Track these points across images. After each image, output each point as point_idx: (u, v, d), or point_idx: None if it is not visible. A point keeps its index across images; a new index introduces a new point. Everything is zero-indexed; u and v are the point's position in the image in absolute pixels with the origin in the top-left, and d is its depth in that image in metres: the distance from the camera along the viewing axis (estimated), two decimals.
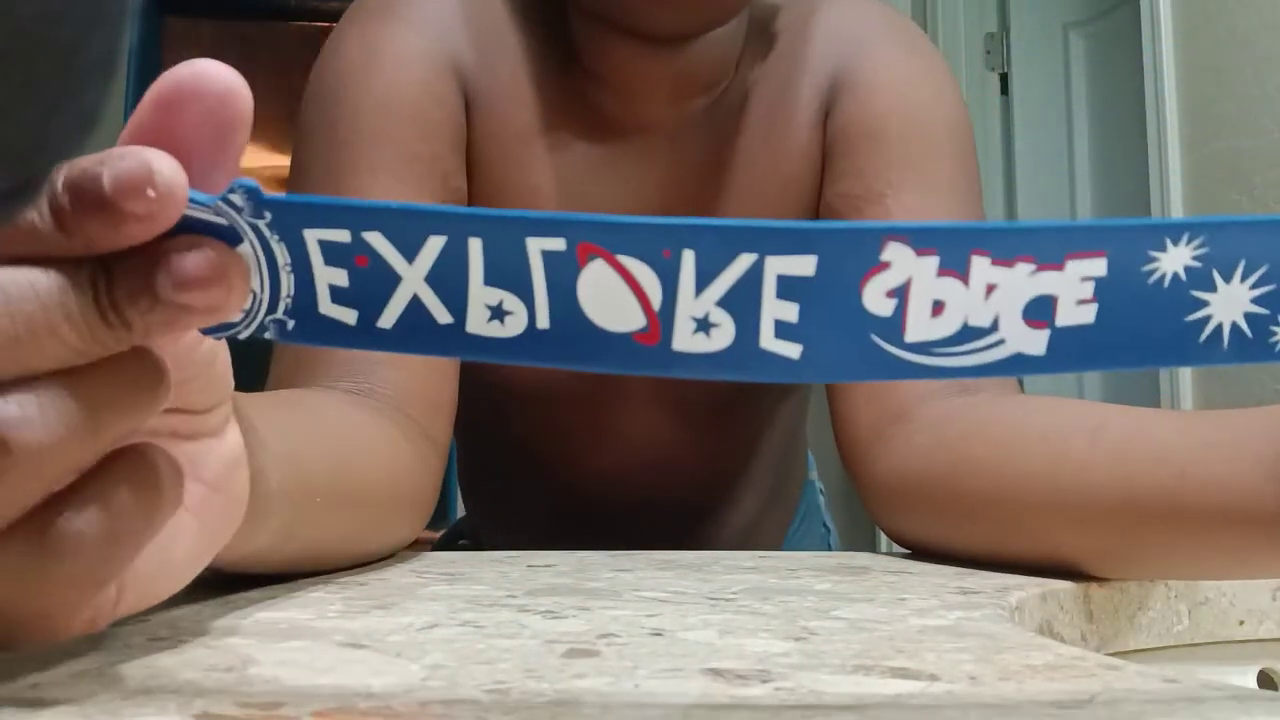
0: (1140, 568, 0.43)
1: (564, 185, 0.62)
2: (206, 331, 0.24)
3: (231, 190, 0.22)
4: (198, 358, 0.25)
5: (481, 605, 0.36)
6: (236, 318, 0.23)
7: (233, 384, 0.28)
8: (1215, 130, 1.89)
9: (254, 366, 0.43)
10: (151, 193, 0.21)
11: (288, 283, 0.23)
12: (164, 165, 0.21)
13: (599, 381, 0.65)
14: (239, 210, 0.22)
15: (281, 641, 0.29)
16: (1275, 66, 1.76)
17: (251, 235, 0.22)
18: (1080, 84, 2.59)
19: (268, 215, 0.22)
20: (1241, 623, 0.48)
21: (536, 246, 0.21)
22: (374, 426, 0.48)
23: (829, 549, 0.86)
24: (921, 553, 0.53)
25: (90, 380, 0.22)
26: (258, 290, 0.23)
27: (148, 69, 3.34)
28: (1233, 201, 1.83)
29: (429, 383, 0.54)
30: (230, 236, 0.22)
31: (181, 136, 0.22)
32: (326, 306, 0.23)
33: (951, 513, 0.50)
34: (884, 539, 0.60)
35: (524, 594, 0.38)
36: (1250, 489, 0.36)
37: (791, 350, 0.22)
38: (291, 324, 0.23)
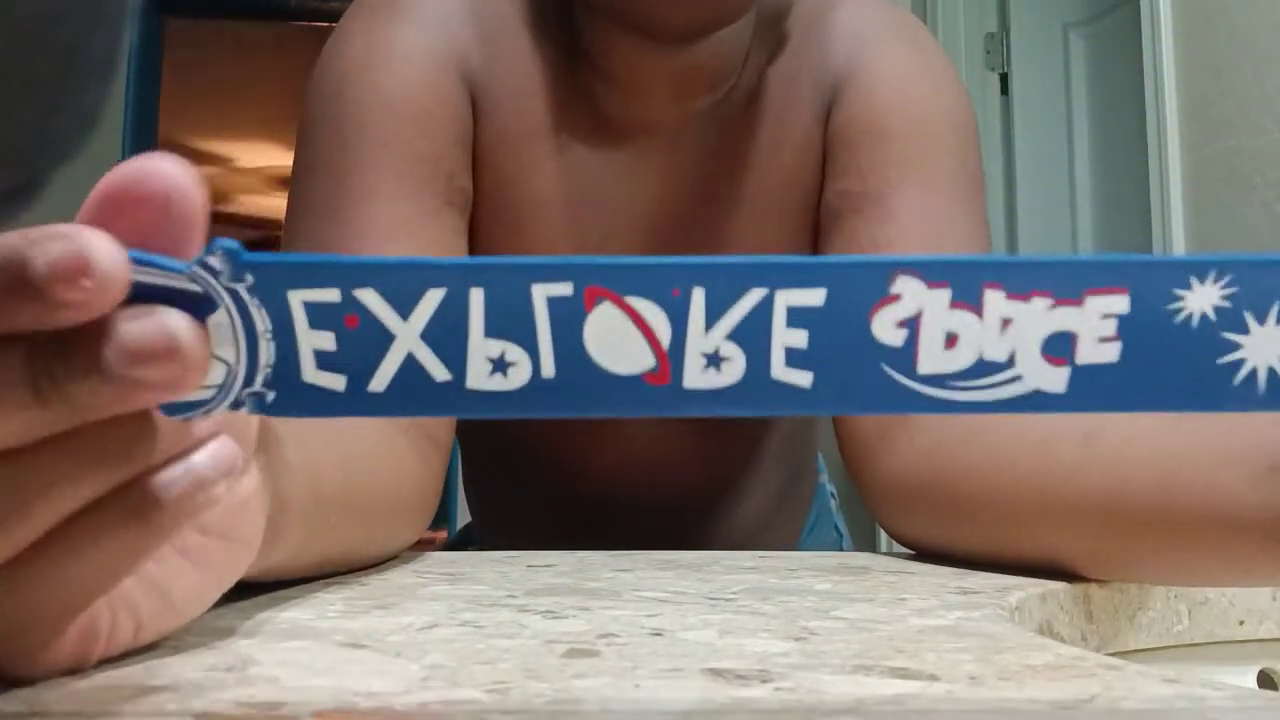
0: (1134, 571, 0.43)
1: (569, 183, 0.62)
2: (170, 411, 0.22)
3: (210, 252, 0.21)
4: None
5: (481, 605, 0.36)
6: (207, 394, 0.22)
7: (255, 428, 0.27)
8: (1215, 130, 1.89)
9: None
10: (87, 282, 0.19)
11: (267, 351, 0.21)
12: (101, 250, 0.19)
13: None
14: (216, 274, 0.21)
15: (281, 641, 0.29)
16: (1275, 66, 1.76)
17: (228, 301, 0.21)
18: (1080, 84, 2.59)
19: (249, 278, 0.21)
20: (1241, 623, 0.48)
21: (542, 293, 0.21)
22: (379, 430, 0.49)
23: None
24: (922, 553, 0.53)
25: (32, 462, 0.20)
26: (232, 362, 0.21)
27: (148, 69, 3.34)
28: (1233, 202, 1.83)
29: None
30: (204, 305, 0.21)
31: (129, 237, 0.21)
32: (311, 374, 0.21)
33: (950, 515, 0.50)
34: (885, 539, 0.60)
35: (524, 594, 0.38)
36: (1235, 494, 0.36)
37: (803, 379, 0.21)
38: (271, 396, 0.22)
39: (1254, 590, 0.48)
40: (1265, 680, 0.44)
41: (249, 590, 0.36)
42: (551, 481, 0.71)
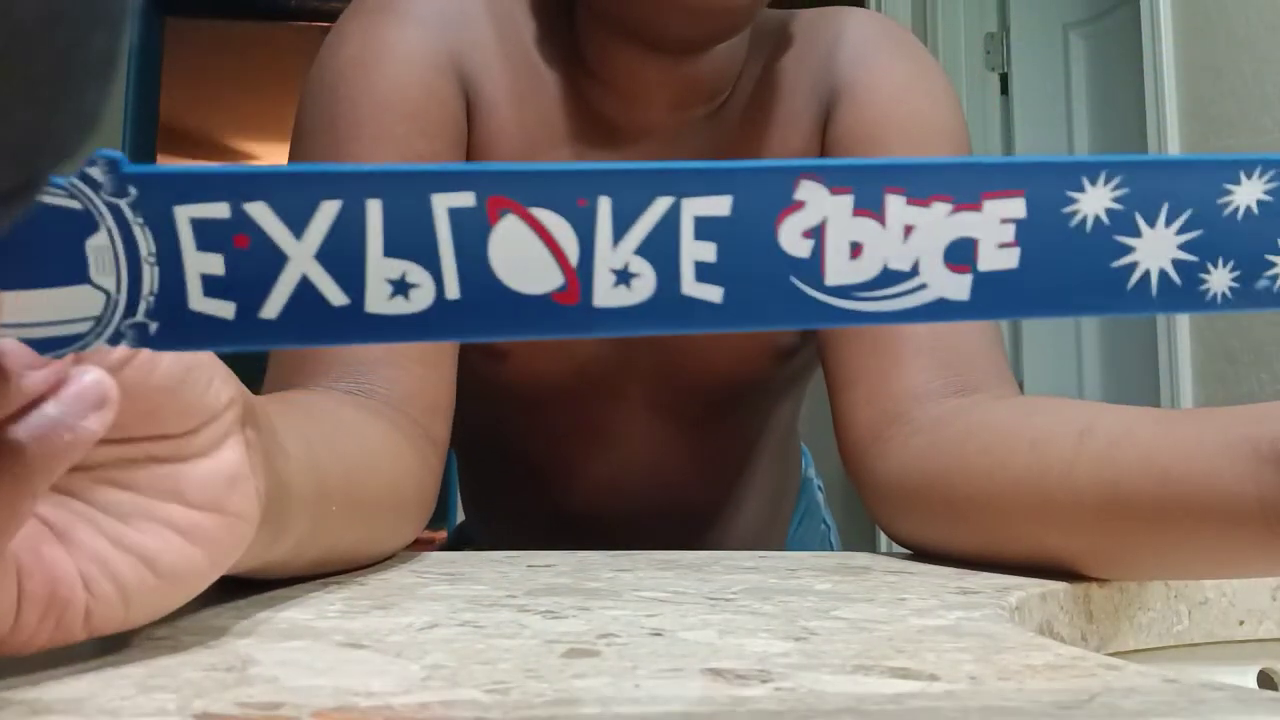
0: (1133, 568, 0.43)
1: None
2: (43, 349, 0.20)
3: (91, 163, 0.19)
4: (156, 384, 0.24)
5: (481, 605, 0.36)
6: (83, 328, 0.20)
7: (226, 400, 0.27)
8: (1215, 130, 1.89)
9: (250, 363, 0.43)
10: None
11: (150, 278, 0.20)
12: None
13: (591, 381, 0.65)
14: (97, 187, 0.19)
15: (281, 641, 0.29)
16: (1275, 66, 1.76)
17: (110, 220, 0.20)
18: (1080, 84, 2.59)
19: (132, 191, 0.19)
20: (1241, 623, 0.48)
21: (443, 204, 0.20)
22: (379, 430, 0.49)
23: (830, 546, 0.86)
24: (920, 552, 0.53)
25: None
26: (112, 291, 0.20)
27: (148, 69, 3.34)
28: None
29: (427, 383, 0.54)
30: (83, 225, 0.20)
31: None
32: (198, 301, 0.20)
33: (946, 515, 0.50)
34: (884, 539, 0.60)
35: (524, 594, 0.38)
36: (1230, 490, 0.36)
37: (713, 294, 0.21)
38: (154, 326, 0.20)
39: (1254, 590, 0.48)
40: (1265, 680, 0.44)
41: (248, 590, 0.36)
42: (546, 491, 0.71)
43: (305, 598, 0.37)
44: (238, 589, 0.36)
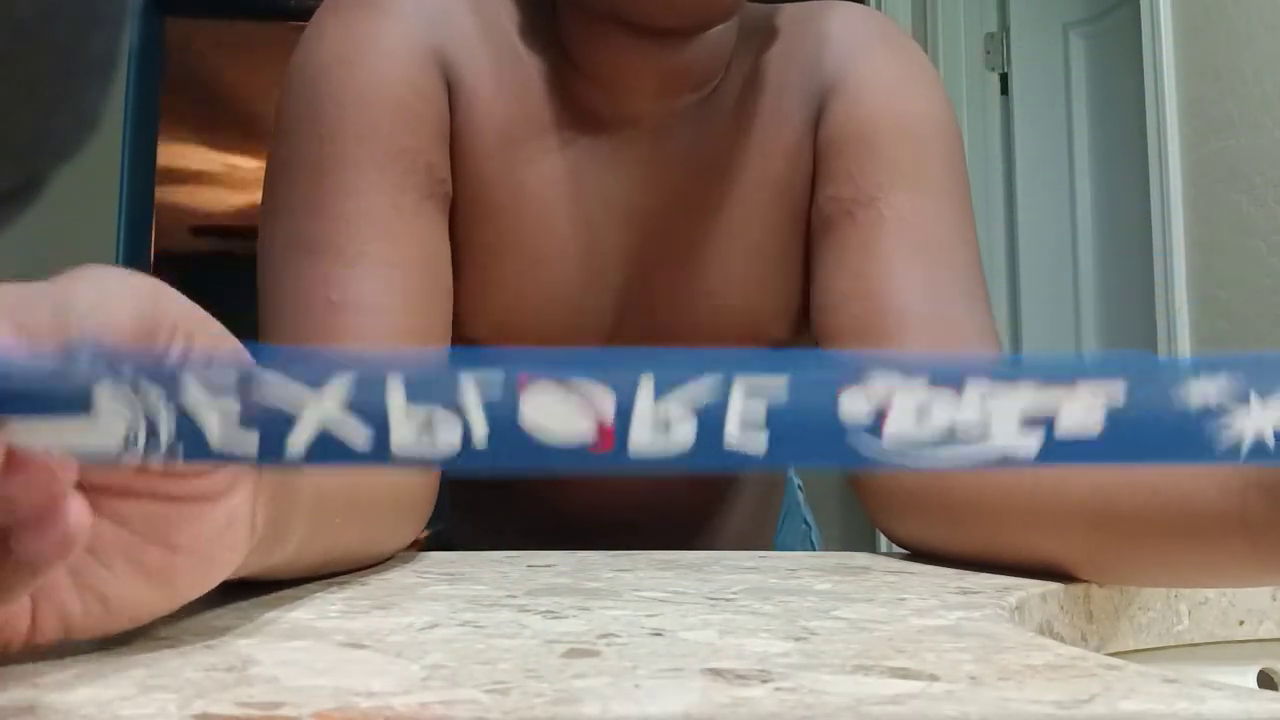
0: (1126, 575, 0.44)
1: (548, 179, 0.61)
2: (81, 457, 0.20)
3: (75, 360, 0.19)
4: None
5: (481, 605, 0.36)
6: (113, 443, 0.20)
7: None
8: (1215, 130, 1.89)
9: None
10: None
11: (168, 420, 0.20)
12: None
13: None
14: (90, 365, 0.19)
15: (281, 641, 0.29)
16: (1275, 66, 1.76)
17: (108, 382, 0.19)
18: (1080, 84, 2.59)
19: (126, 370, 0.19)
20: (1241, 623, 0.48)
21: (470, 377, 0.20)
22: None
23: (811, 545, 0.86)
24: (920, 554, 0.53)
25: None
26: (130, 427, 0.20)
27: (148, 69, 3.34)
28: (1233, 202, 1.83)
29: None
30: (72, 401, 0.19)
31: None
32: (217, 441, 0.20)
33: (944, 519, 0.50)
34: (883, 539, 0.60)
35: (524, 594, 0.38)
36: (1214, 509, 0.36)
37: (757, 445, 0.20)
38: (181, 447, 0.20)
39: (1254, 590, 0.48)
40: (1265, 680, 0.44)
41: (249, 590, 0.36)
42: (536, 493, 0.70)
43: (306, 598, 0.37)
44: (239, 589, 0.36)
